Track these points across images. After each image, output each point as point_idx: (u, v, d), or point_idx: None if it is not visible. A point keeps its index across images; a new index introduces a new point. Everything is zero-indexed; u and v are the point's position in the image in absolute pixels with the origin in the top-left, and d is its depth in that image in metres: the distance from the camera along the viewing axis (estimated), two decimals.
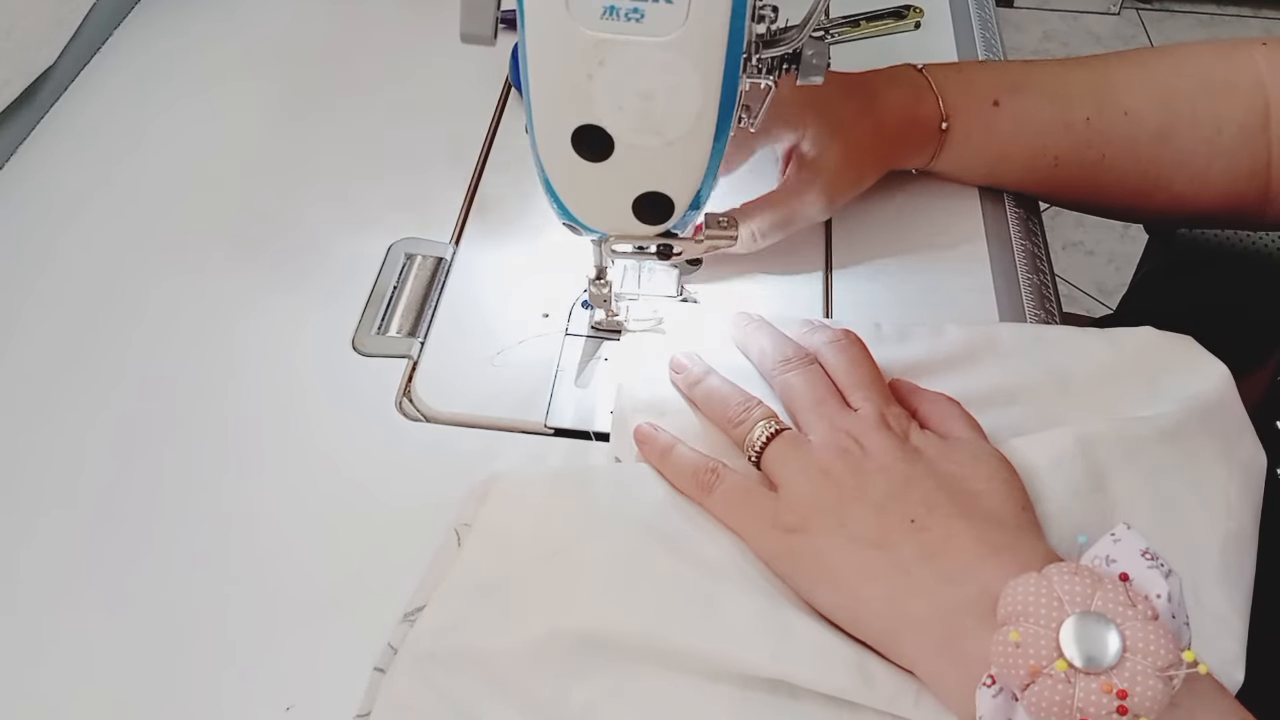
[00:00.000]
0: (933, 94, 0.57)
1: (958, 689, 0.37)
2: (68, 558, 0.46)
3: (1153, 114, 0.57)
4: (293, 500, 0.48)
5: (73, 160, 0.64)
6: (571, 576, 0.43)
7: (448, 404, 0.51)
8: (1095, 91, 0.58)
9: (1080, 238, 1.77)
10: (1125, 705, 0.32)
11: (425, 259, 0.58)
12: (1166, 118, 0.57)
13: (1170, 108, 0.57)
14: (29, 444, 0.50)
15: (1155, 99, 0.57)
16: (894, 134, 0.57)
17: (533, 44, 0.39)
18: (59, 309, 0.56)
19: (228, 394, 0.52)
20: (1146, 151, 0.58)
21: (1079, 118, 0.57)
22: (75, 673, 0.42)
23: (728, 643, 0.40)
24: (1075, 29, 2.26)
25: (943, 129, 0.57)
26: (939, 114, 0.57)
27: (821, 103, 0.55)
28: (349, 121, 0.66)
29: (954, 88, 0.57)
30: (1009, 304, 0.56)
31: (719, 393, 0.48)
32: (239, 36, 0.72)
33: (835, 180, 0.55)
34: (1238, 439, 0.47)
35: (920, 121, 0.57)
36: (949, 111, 0.57)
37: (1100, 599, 0.35)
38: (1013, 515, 0.41)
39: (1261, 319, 0.65)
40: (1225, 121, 0.57)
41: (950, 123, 0.57)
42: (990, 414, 0.46)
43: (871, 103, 0.56)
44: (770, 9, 0.43)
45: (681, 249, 0.49)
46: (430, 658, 0.41)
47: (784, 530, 0.43)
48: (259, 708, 0.41)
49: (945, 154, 0.58)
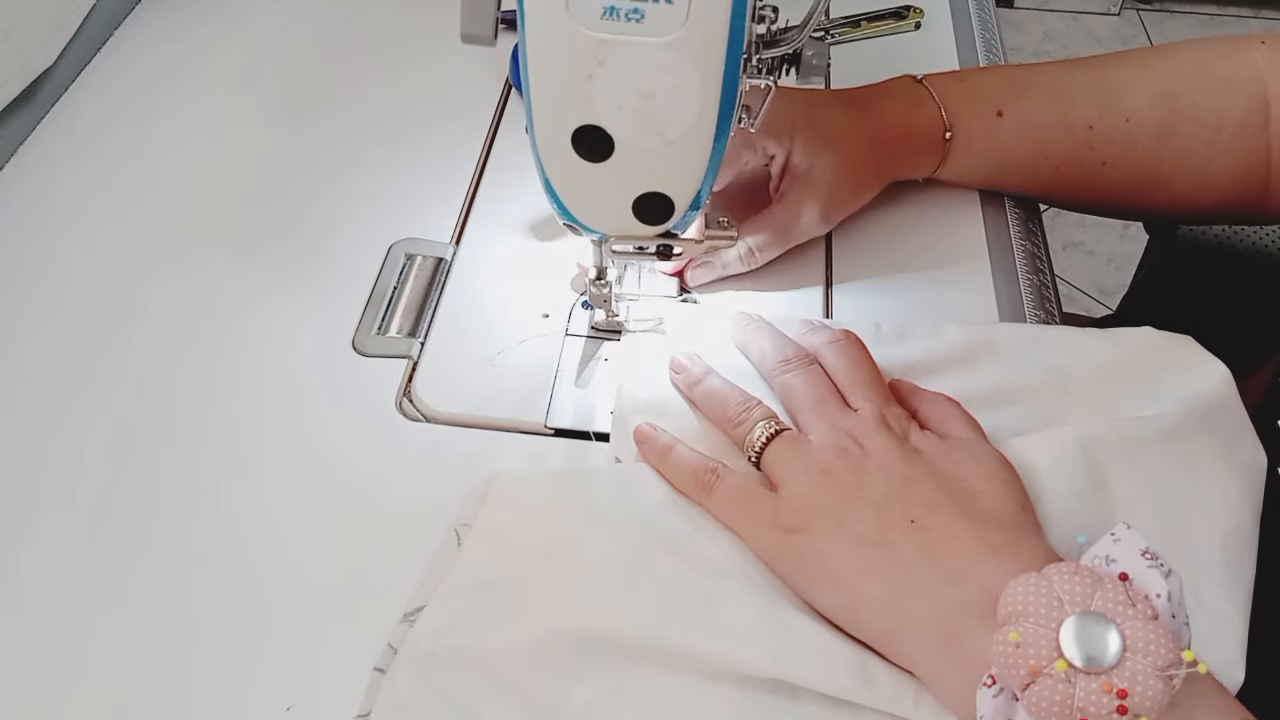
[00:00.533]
0: (934, 104, 0.57)
1: (958, 689, 0.37)
2: (68, 558, 0.46)
3: (1153, 115, 0.57)
4: (293, 500, 0.48)
5: (72, 161, 0.64)
6: (571, 576, 0.43)
7: (447, 404, 0.51)
8: (1097, 95, 0.58)
9: (1080, 238, 1.77)
10: (1125, 705, 0.32)
11: (425, 259, 0.58)
12: (1167, 117, 0.57)
13: (1171, 107, 0.57)
14: (29, 444, 0.50)
15: (1156, 99, 0.57)
16: (891, 144, 0.57)
17: (533, 44, 0.39)
18: (59, 309, 0.56)
19: (228, 394, 0.52)
20: (1147, 152, 0.58)
21: (1080, 123, 0.57)
22: (75, 673, 0.42)
23: (728, 643, 0.40)
24: (1075, 29, 2.26)
25: (946, 139, 0.57)
26: (941, 124, 0.57)
27: (810, 114, 0.55)
28: (349, 122, 0.66)
29: (956, 97, 0.57)
30: (1009, 304, 0.56)
31: (719, 393, 0.48)
32: (239, 38, 0.72)
33: (831, 194, 0.55)
34: (1238, 439, 0.47)
35: (920, 131, 0.57)
36: (952, 121, 0.57)
37: (1100, 599, 0.35)
38: (1012, 515, 0.41)
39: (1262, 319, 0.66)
40: (1225, 119, 0.57)
41: (954, 132, 0.57)
42: (990, 414, 0.46)
43: (866, 114, 0.56)
44: (770, 9, 0.43)
45: (681, 249, 0.49)
46: (430, 658, 0.41)
47: (784, 530, 0.43)
48: (259, 708, 0.41)
49: (949, 163, 0.58)
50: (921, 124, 0.57)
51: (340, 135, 0.66)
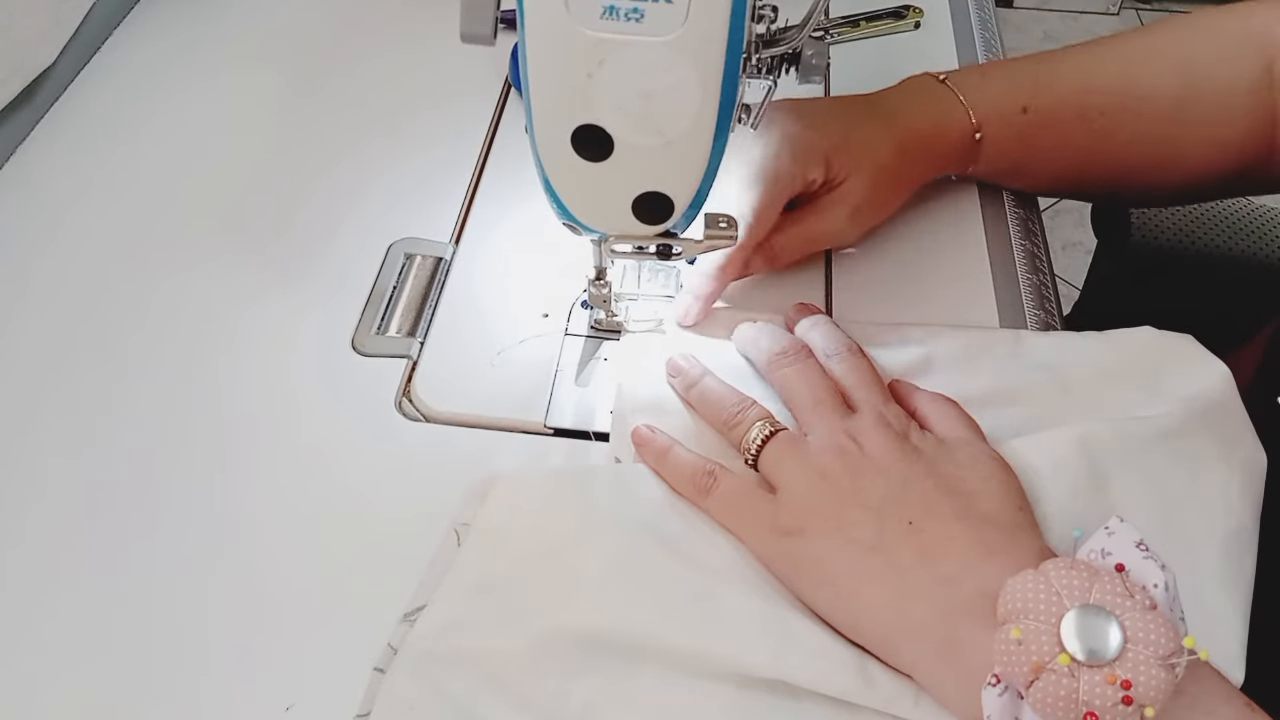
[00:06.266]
0: (961, 106, 0.56)
1: (958, 691, 0.37)
2: (67, 557, 0.46)
3: (1171, 84, 0.57)
4: (292, 500, 0.48)
5: (72, 160, 0.64)
6: (572, 576, 0.43)
7: (447, 404, 0.51)
8: (1116, 74, 0.58)
9: (1080, 238, 1.77)
10: (1130, 695, 0.32)
11: (425, 259, 0.58)
12: (1185, 85, 0.57)
13: (1188, 74, 0.57)
14: (26, 443, 0.50)
15: (1173, 68, 0.57)
16: (919, 149, 0.56)
17: (533, 44, 0.39)
18: (57, 308, 0.56)
19: (228, 393, 0.52)
20: (1168, 124, 0.57)
21: (1100, 105, 0.57)
22: (74, 672, 0.42)
23: (728, 643, 0.40)
24: (1075, 29, 2.26)
25: (976, 139, 0.57)
26: (970, 125, 0.56)
27: (845, 135, 0.54)
28: (348, 122, 0.66)
29: (982, 96, 0.57)
30: (1009, 304, 0.56)
31: (714, 394, 0.48)
32: (238, 37, 0.72)
33: (862, 205, 0.54)
34: (1238, 439, 0.47)
35: (950, 135, 0.56)
36: (980, 121, 0.56)
37: (1098, 591, 0.35)
38: (1010, 516, 0.41)
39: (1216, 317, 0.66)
40: (1239, 80, 0.57)
41: (983, 132, 0.57)
42: (990, 415, 0.46)
43: (892, 121, 0.55)
44: (770, 9, 0.43)
45: (681, 249, 0.49)
46: (430, 657, 0.41)
47: (782, 533, 0.42)
48: (258, 708, 0.41)
49: (979, 163, 0.58)
50: (951, 127, 0.56)
51: (339, 135, 0.66)
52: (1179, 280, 0.84)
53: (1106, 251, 0.89)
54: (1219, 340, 0.51)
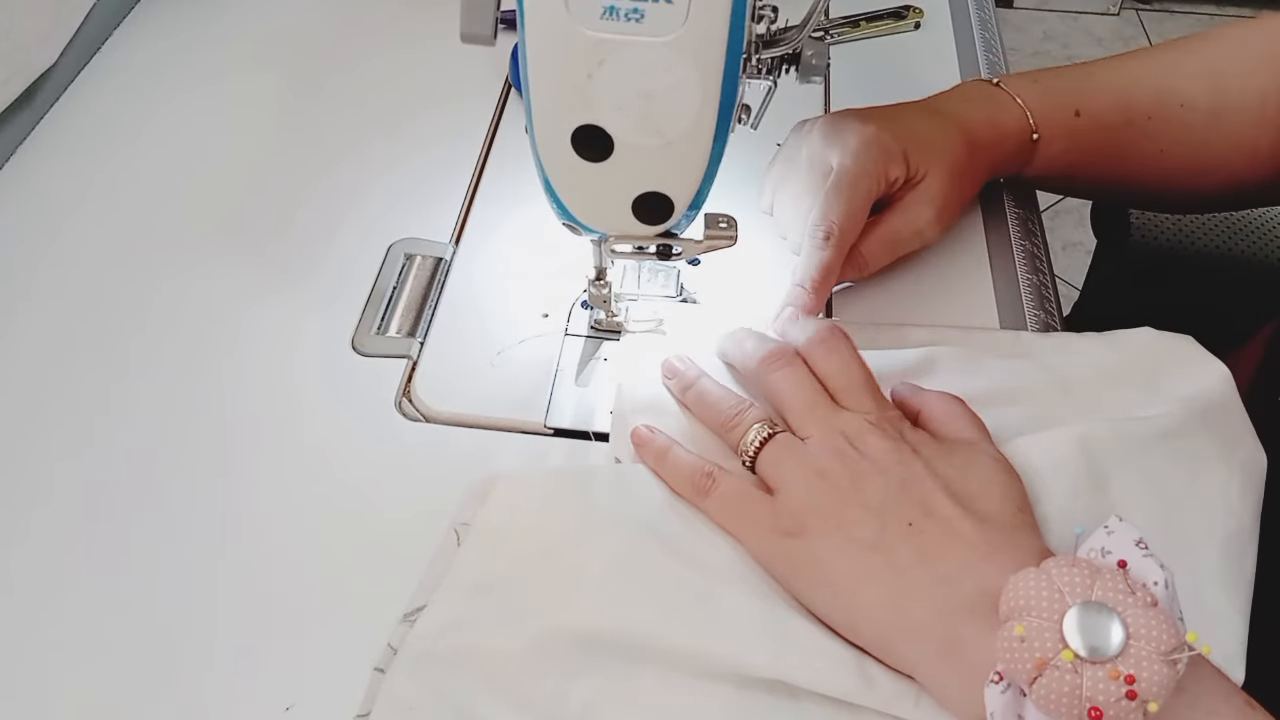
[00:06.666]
0: (1018, 106, 0.57)
1: (959, 691, 0.37)
2: (66, 557, 0.46)
3: (1205, 97, 0.58)
4: (292, 500, 0.48)
5: (72, 161, 0.64)
6: (571, 576, 0.43)
7: (447, 404, 0.51)
8: (1154, 85, 0.59)
9: (1080, 238, 1.77)
10: (1134, 690, 0.32)
11: (425, 259, 0.58)
12: (1217, 98, 0.58)
13: (1220, 87, 0.58)
14: (27, 443, 0.50)
15: (1205, 80, 0.59)
16: (986, 148, 0.57)
17: (533, 44, 0.39)
18: (57, 309, 0.56)
19: (228, 394, 0.52)
20: (1202, 134, 0.59)
21: (1141, 115, 0.58)
22: (74, 672, 0.42)
23: (728, 643, 0.40)
24: (1075, 29, 2.26)
25: (1034, 140, 0.58)
26: (1028, 126, 0.57)
27: (914, 133, 0.55)
28: (348, 122, 0.67)
29: (1037, 99, 0.58)
30: (1009, 304, 0.56)
31: (711, 396, 0.48)
32: (238, 37, 0.72)
33: (944, 200, 0.55)
34: (1238, 439, 0.47)
35: (1010, 134, 0.57)
36: (1037, 123, 0.57)
37: (1100, 588, 0.35)
38: (1010, 516, 0.41)
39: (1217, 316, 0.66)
40: (1270, 92, 0.58)
41: (1040, 134, 0.57)
42: (991, 415, 0.46)
43: (955, 122, 0.56)
44: (770, 9, 0.43)
45: (681, 249, 0.49)
46: (430, 658, 0.41)
47: (782, 534, 0.42)
48: (258, 708, 0.41)
49: (1034, 164, 0.59)
50: (1010, 127, 0.57)
51: (339, 135, 0.66)
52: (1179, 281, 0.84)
53: (1106, 252, 0.89)
54: (1219, 340, 0.51)
